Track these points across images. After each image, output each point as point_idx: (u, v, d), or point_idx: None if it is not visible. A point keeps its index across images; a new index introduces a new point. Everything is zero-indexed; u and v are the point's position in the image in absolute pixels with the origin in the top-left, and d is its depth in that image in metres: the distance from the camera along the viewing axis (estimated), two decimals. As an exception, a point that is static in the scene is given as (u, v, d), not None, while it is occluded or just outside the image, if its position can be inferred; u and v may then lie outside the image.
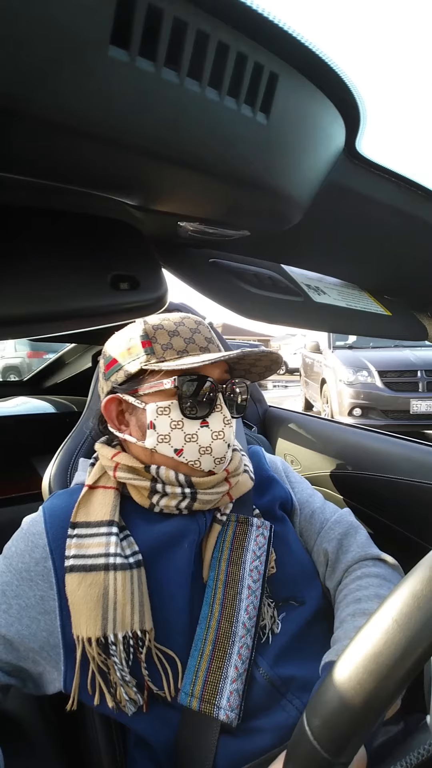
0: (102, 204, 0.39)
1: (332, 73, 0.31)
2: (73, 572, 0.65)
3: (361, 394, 4.97)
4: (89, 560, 0.66)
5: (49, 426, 1.91)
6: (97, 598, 0.63)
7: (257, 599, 0.67)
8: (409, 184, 0.44)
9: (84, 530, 0.69)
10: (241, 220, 0.42)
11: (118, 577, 0.64)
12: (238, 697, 0.62)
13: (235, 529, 0.71)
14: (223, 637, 0.64)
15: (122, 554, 0.66)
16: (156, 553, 0.68)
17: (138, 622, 0.63)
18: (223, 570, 0.68)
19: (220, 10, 0.24)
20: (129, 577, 0.65)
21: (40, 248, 0.36)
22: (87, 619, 0.63)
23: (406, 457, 1.16)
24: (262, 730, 0.63)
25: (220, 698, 0.61)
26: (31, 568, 0.67)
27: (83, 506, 0.71)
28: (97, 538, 0.67)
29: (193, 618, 0.66)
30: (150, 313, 0.42)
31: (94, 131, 0.24)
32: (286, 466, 0.91)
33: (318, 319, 0.59)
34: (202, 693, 0.62)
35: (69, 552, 0.67)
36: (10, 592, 0.66)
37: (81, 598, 0.63)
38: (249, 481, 0.77)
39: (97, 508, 0.71)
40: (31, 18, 0.19)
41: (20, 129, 0.23)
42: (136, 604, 0.63)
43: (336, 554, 0.77)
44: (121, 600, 0.63)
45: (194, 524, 0.71)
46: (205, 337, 0.71)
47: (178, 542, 0.69)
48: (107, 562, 0.65)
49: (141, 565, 0.66)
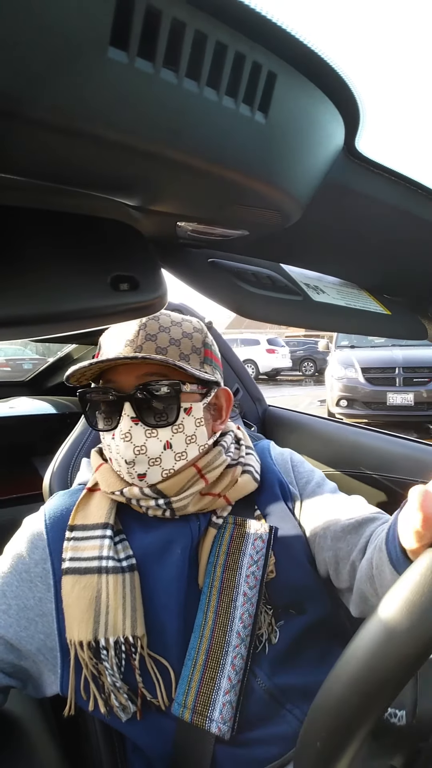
0: (101, 205, 0.39)
1: (331, 72, 0.31)
2: (68, 575, 0.65)
3: (346, 388, 6.00)
4: (84, 563, 0.65)
5: (50, 426, 1.91)
6: (89, 601, 0.63)
7: (253, 607, 0.65)
8: (409, 183, 0.44)
9: (80, 533, 0.68)
10: (239, 219, 0.42)
11: (110, 580, 0.63)
12: (231, 709, 0.60)
13: (232, 532, 0.69)
14: (217, 646, 0.63)
15: (115, 557, 0.65)
16: (149, 559, 0.67)
17: (130, 627, 0.61)
18: (218, 576, 0.66)
19: (219, 11, 0.24)
20: (121, 581, 0.64)
21: (40, 250, 0.36)
22: (79, 623, 0.62)
23: (406, 457, 1.16)
24: (262, 742, 0.62)
25: (212, 710, 0.60)
26: (31, 569, 0.67)
27: (81, 509, 0.71)
28: (92, 541, 0.67)
29: (188, 626, 0.65)
30: (150, 314, 0.42)
31: (94, 132, 0.24)
32: (294, 459, 0.85)
33: (317, 318, 0.59)
34: (194, 704, 0.60)
35: (66, 554, 0.66)
36: (9, 592, 0.66)
37: (74, 601, 0.63)
38: (251, 483, 0.74)
39: (94, 511, 0.70)
40: (32, 19, 0.19)
41: (19, 130, 0.23)
42: (128, 608, 0.62)
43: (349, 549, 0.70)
44: (113, 604, 0.62)
45: (186, 529, 0.69)
46: (126, 340, 0.68)
47: (169, 549, 0.67)
48: (100, 566, 0.65)
49: (134, 570, 0.65)
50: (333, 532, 0.71)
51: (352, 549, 0.67)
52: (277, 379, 14.09)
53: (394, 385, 5.83)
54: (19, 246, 0.36)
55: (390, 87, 0.34)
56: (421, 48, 0.31)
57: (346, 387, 6.00)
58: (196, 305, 1.35)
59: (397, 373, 5.86)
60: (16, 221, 0.36)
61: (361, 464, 1.21)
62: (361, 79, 0.32)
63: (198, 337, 0.73)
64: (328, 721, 0.32)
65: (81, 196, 0.37)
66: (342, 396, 6.02)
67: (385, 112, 0.36)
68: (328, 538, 0.71)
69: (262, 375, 13.76)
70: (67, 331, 0.38)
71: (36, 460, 1.96)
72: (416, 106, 0.36)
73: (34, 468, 1.91)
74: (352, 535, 0.68)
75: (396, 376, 5.86)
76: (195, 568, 0.68)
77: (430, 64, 0.31)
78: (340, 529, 0.70)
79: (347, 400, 6.01)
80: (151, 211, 0.41)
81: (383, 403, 5.80)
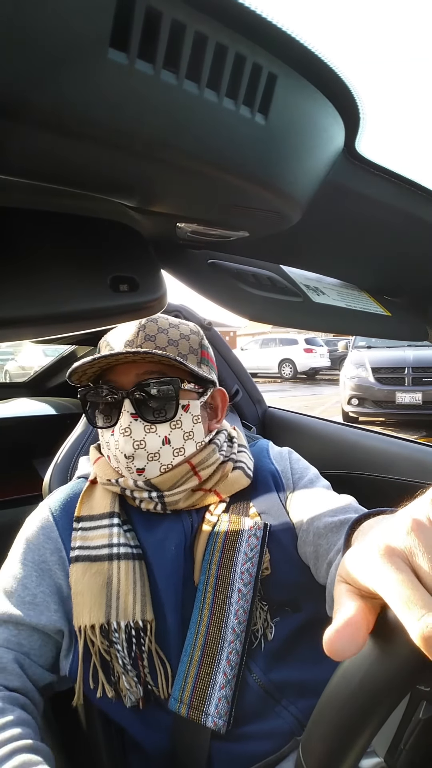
0: (101, 206, 0.39)
1: (331, 74, 0.31)
2: (78, 562, 0.66)
3: (357, 387, 6.23)
4: (93, 551, 0.67)
5: (49, 427, 1.91)
6: (101, 586, 0.64)
7: (248, 603, 0.65)
8: (409, 184, 0.44)
9: (88, 523, 0.70)
10: (240, 220, 0.42)
11: (121, 566, 0.65)
12: (227, 704, 0.61)
13: (227, 529, 0.70)
14: (212, 642, 0.63)
15: (128, 544, 0.67)
16: (149, 553, 0.69)
17: (140, 611, 0.63)
18: (213, 573, 0.67)
19: (219, 12, 0.24)
20: (132, 566, 0.65)
21: (40, 251, 0.36)
22: (91, 607, 0.63)
23: (406, 457, 1.16)
24: (258, 737, 0.62)
25: (208, 705, 0.61)
26: (48, 559, 0.69)
27: (86, 501, 0.73)
28: (101, 530, 0.69)
29: (185, 621, 0.66)
30: (149, 315, 0.42)
31: (94, 133, 0.24)
32: (293, 456, 0.86)
33: (317, 320, 0.59)
34: (190, 699, 0.61)
35: (75, 543, 0.68)
36: (31, 584, 0.67)
37: (86, 586, 0.64)
38: (243, 479, 0.75)
39: (99, 501, 0.72)
40: (32, 20, 0.19)
41: (19, 131, 0.23)
42: (138, 594, 0.64)
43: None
44: (124, 589, 0.64)
45: (179, 525, 0.70)
46: (125, 340, 0.70)
47: (163, 545, 0.69)
48: (111, 552, 0.66)
49: (142, 558, 0.67)
50: (316, 528, 0.71)
51: (330, 548, 0.67)
52: (315, 378, 14.03)
53: (403, 384, 6.03)
54: (19, 247, 0.36)
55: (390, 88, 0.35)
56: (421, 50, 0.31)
57: (357, 386, 6.22)
58: (196, 306, 1.35)
59: (406, 373, 6.05)
60: (16, 222, 0.36)
61: (361, 465, 1.21)
62: (361, 81, 0.32)
63: (195, 338, 0.75)
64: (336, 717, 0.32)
65: (80, 197, 0.37)
66: (353, 395, 6.24)
67: (386, 113, 0.36)
68: (311, 534, 0.71)
69: (300, 374, 13.76)
70: (66, 332, 0.38)
71: (36, 461, 1.96)
72: (416, 107, 0.36)
73: (34, 469, 1.91)
74: (332, 534, 0.68)
75: (405, 375, 6.05)
76: (190, 565, 0.69)
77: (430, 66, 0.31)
78: (322, 526, 0.70)
79: (358, 399, 6.22)
80: (150, 212, 0.41)
81: (392, 402, 6.00)
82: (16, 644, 0.63)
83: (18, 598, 0.65)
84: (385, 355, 6.38)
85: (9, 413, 2.12)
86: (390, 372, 6.15)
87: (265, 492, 0.77)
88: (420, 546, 0.24)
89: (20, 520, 0.76)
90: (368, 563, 0.26)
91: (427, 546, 0.24)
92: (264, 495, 0.77)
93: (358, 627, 0.26)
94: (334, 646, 0.26)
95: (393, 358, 6.25)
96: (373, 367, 6.21)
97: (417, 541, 0.25)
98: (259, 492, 0.77)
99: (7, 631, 0.64)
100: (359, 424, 4.10)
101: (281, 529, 0.74)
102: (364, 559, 0.27)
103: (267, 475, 0.80)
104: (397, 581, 0.24)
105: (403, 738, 0.37)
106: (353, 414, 6.26)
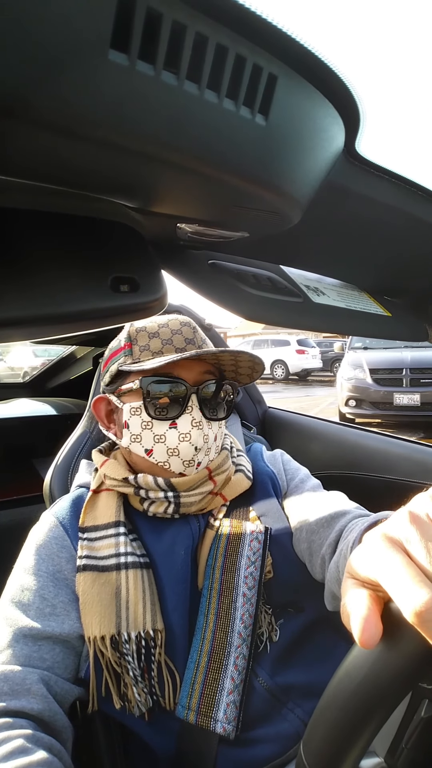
0: (102, 206, 0.39)
1: (331, 75, 0.31)
2: (86, 571, 0.65)
3: (354, 389, 6.14)
4: (101, 561, 0.66)
5: (50, 428, 1.91)
6: (110, 597, 0.63)
7: (253, 607, 0.65)
8: (409, 185, 0.44)
9: (93, 533, 0.69)
10: (240, 221, 0.42)
11: (129, 575, 0.64)
12: (235, 709, 0.61)
13: (229, 533, 0.70)
14: (218, 648, 0.63)
15: (135, 553, 0.67)
16: (157, 560, 0.68)
17: (150, 621, 0.62)
18: (217, 578, 0.67)
19: (219, 13, 0.24)
20: (140, 575, 0.65)
21: (41, 251, 0.36)
22: (101, 618, 0.62)
23: (406, 458, 1.16)
24: (264, 740, 0.62)
25: (216, 711, 0.60)
26: (63, 567, 0.68)
27: (89, 510, 0.72)
28: (107, 539, 0.68)
29: (190, 627, 0.65)
30: (150, 315, 0.42)
31: (95, 134, 0.24)
32: (284, 457, 0.89)
33: (317, 320, 0.59)
34: (198, 706, 0.61)
35: (81, 552, 0.67)
36: (48, 594, 0.65)
37: (95, 596, 0.64)
38: (245, 481, 0.76)
39: (103, 511, 0.71)
40: (33, 21, 0.19)
41: (20, 132, 0.23)
42: (147, 603, 0.63)
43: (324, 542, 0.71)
44: (133, 599, 0.63)
45: (187, 530, 0.70)
46: (185, 338, 0.72)
47: (173, 550, 0.68)
48: (118, 562, 0.66)
49: (149, 567, 0.67)
50: (308, 525, 0.72)
51: (323, 542, 0.68)
52: (307, 379, 13.96)
53: (401, 385, 5.95)
54: (20, 248, 0.36)
55: (390, 89, 0.35)
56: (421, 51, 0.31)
57: (354, 387, 6.15)
58: (196, 306, 1.35)
59: (404, 374, 5.97)
60: (17, 223, 0.36)
61: (361, 465, 1.22)
62: (361, 82, 0.32)
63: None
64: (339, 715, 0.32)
65: (81, 198, 0.37)
66: (350, 396, 6.17)
67: (386, 114, 0.36)
68: (304, 531, 0.72)
69: (292, 375, 13.69)
70: (66, 332, 0.38)
71: (36, 461, 1.96)
72: (416, 108, 0.36)
73: (34, 469, 1.91)
74: (324, 529, 0.69)
75: (403, 377, 5.97)
76: (195, 570, 0.69)
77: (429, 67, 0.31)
78: (314, 522, 0.71)
79: (356, 401, 6.15)
80: (151, 212, 0.41)
81: (390, 403, 5.93)
82: (38, 660, 0.60)
83: (37, 611, 0.63)
84: (383, 356, 6.31)
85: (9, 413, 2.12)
86: (388, 373, 6.06)
87: (263, 494, 0.78)
88: (416, 534, 0.27)
89: (20, 519, 0.75)
90: (368, 553, 0.28)
91: (423, 534, 0.26)
92: (262, 497, 0.77)
93: (375, 612, 0.28)
94: (366, 633, 0.27)
95: (391, 359, 6.17)
96: (370, 368, 6.13)
97: (413, 530, 0.27)
98: (258, 495, 0.78)
99: (27, 647, 0.60)
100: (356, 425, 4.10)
101: (280, 530, 0.74)
102: (365, 551, 0.29)
103: (264, 478, 0.80)
104: (391, 563, 0.26)
105: (405, 737, 0.37)
106: (350, 415, 6.17)
